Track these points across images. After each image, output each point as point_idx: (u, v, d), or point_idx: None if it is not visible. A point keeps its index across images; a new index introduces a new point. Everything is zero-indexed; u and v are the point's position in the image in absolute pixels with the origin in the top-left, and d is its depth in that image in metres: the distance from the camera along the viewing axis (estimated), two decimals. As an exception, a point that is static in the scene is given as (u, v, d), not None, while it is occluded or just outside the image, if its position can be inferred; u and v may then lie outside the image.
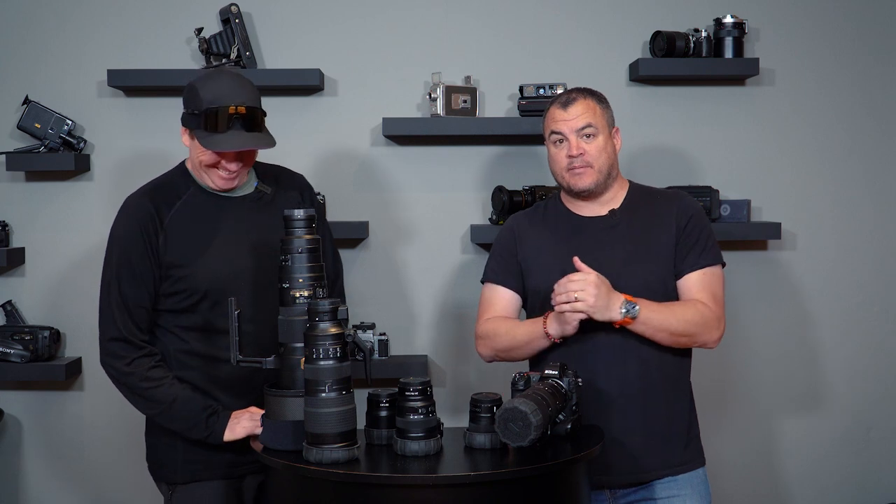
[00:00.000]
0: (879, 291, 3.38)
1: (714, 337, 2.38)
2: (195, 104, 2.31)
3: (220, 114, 2.27)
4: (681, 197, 2.50)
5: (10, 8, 3.24)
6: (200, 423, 2.30)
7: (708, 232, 2.44)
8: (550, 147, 2.45)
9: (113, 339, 2.34)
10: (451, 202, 3.29)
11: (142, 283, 2.34)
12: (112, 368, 2.35)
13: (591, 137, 2.40)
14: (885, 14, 3.33)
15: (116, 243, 2.37)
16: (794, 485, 3.39)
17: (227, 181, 2.38)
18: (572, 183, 2.42)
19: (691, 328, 2.33)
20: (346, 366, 2.06)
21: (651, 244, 2.40)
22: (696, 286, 2.39)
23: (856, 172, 3.35)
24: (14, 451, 3.31)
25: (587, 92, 2.46)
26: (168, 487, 2.43)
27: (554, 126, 2.43)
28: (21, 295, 3.27)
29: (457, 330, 3.30)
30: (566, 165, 2.41)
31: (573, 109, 2.41)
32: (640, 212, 2.45)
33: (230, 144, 2.29)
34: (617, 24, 3.29)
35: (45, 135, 3.16)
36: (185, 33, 3.22)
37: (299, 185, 2.58)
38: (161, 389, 2.31)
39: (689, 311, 2.35)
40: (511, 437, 2.02)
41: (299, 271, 2.17)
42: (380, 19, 3.27)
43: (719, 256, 2.44)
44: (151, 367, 2.33)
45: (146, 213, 2.35)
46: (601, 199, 2.46)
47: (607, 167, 2.42)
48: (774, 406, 3.37)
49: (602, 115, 2.43)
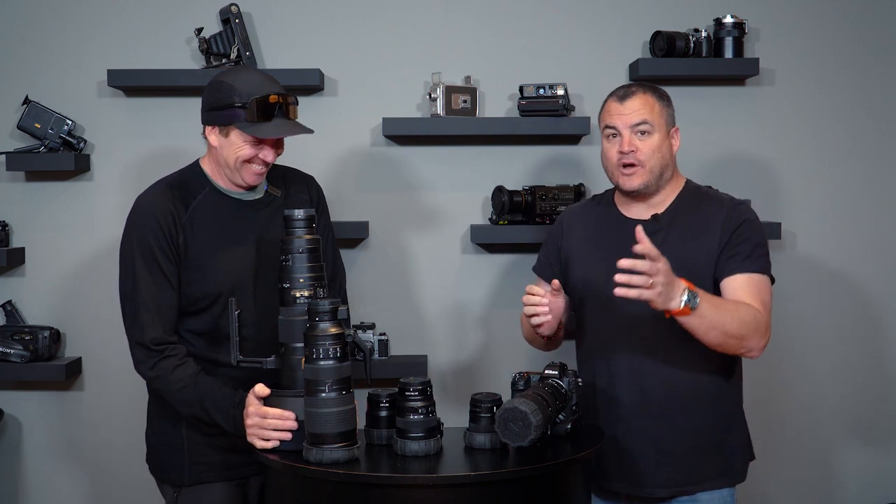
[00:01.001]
0: (879, 291, 3.38)
1: (761, 344, 2.24)
2: (232, 97, 2.28)
3: (269, 102, 2.27)
4: (733, 204, 2.36)
5: (10, 8, 3.24)
6: (235, 422, 2.24)
7: (760, 240, 2.30)
8: (604, 141, 2.37)
9: (138, 344, 2.30)
10: (451, 202, 3.29)
11: (169, 282, 2.30)
12: (142, 375, 2.33)
13: (645, 135, 2.31)
14: (885, 14, 3.33)
15: (137, 243, 2.31)
16: (794, 485, 3.38)
17: (258, 176, 2.36)
18: (622, 182, 2.33)
19: (743, 329, 2.18)
20: (346, 366, 2.06)
21: (689, 254, 2.28)
22: (743, 288, 2.25)
23: (856, 172, 3.35)
24: (14, 451, 3.31)
25: (648, 87, 2.37)
26: (173, 490, 2.42)
27: (609, 120, 2.34)
28: (21, 295, 3.27)
29: (457, 330, 3.30)
30: (617, 162, 2.32)
31: (630, 104, 2.32)
32: (686, 218, 2.35)
33: (279, 131, 2.30)
34: (617, 24, 3.29)
35: (45, 135, 3.16)
36: (185, 33, 3.22)
37: (306, 182, 2.57)
38: (188, 391, 2.27)
39: (744, 312, 2.20)
40: (511, 437, 2.02)
41: (300, 271, 2.17)
42: (380, 19, 3.27)
43: (768, 268, 2.31)
44: (175, 368, 2.28)
45: (166, 210, 2.32)
46: (651, 200, 2.37)
47: (660, 168, 2.32)
48: (774, 406, 3.37)
49: (661, 112, 2.33)
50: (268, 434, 2.15)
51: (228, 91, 2.29)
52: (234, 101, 2.28)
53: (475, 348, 3.32)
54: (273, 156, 2.35)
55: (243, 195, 2.42)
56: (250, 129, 2.28)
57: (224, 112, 2.30)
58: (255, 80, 2.32)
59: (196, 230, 2.34)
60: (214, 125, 2.33)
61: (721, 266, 2.29)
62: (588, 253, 2.41)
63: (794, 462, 3.37)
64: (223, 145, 2.33)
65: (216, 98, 2.31)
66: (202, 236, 2.34)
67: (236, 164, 2.33)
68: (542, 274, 2.51)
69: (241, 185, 2.39)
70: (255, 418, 2.17)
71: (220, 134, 2.33)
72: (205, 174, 2.41)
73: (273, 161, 2.37)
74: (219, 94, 2.31)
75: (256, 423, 2.16)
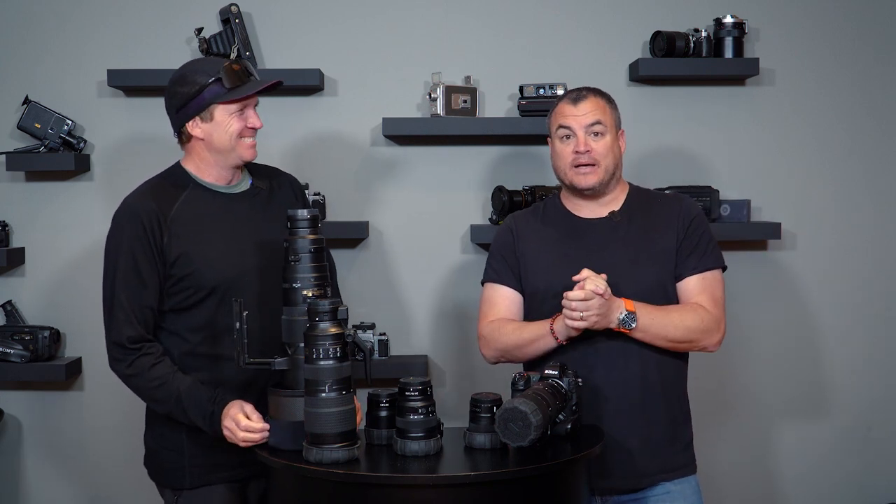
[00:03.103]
0: (879, 291, 3.38)
1: (714, 341, 2.37)
2: (200, 80, 2.32)
3: (235, 69, 2.33)
4: (681, 200, 2.48)
5: (10, 8, 3.24)
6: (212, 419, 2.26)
7: (709, 235, 2.43)
8: (556, 143, 2.43)
9: (114, 343, 2.32)
10: (451, 202, 3.29)
11: (148, 283, 2.32)
12: (117, 373, 2.34)
13: (599, 136, 2.39)
14: (885, 14, 3.33)
15: (119, 244, 2.33)
16: (795, 486, 3.38)
17: (253, 148, 2.40)
18: (576, 181, 2.40)
19: (690, 334, 2.33)
20: (346, 366, 2.06)
21: (652, 247, 2.39)
22: (695, 289, 2.38)
23: (856, 172, 3.35)
24: (14, 451, 3.31)
25: (597, 90, 2.45)
26: (173, 493, 2.42)
27: (563, 120, 2.41)
28: (21, 295, 3.27)
29: (457, 330, 3.30)
30: (571, 162, 2.39)
31: (583, 106, 2.40)
32: (640, 214, 2.44)
33: (257, 86, 2.36)
34: (617, 24, 3.29)
35: (45, 135, 3.16)
36: (185, 33, 3.22)
37: (290, 183, 2.58)
38: (164, 388, 2.28)
39: (689, 317, 2.33)
40: (511, 437, 2.02)
41: (309, 271, 2.18)
42: (380, 19, 3.27)
43: (720, 259, 2.43)
44: (153, 366, 2.29)
45: (149, 212, 2.33)
46: (602, 199, 2.45)
47: (613, 167, 2.41)
48: (774, 406, 3.37)
49: (611, 114, 2.43)
50: (237, 441, 2.20)
51: (192, 78, 2.34)
52: (205, 80, 2.32)
53: (475, 348, 3.30)
54: (258, 120, 2.40)
55: (229, 189, 2.44)
56: (232, 95, 2.32)
57: (198, 98, 2.33)
58: (207, 61, 2.41)
59: (183, 227, 2.35)
60: (194, 117, 2.36)
61: (678, 264, 2.39)
62: (546, 258, 2.43)
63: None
64: (211, 131, 2.36)
65: (183, 91, 2.35)
66: (190, 232, 2.35)
67: (231, 142, 2.36)
68: (506, 282, 2.48)
69: (238, 165, 2.41)
70: (229, 422, 2.22)
71: (203, 121, 2.36)
72: (187, 173, 2.43)
73: (261, 126, 2.41)
74: (185, 87, 2.34)
75: (230, 426, 2.21)
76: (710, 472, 2.58)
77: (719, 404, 3.33)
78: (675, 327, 2.31)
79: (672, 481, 2.38)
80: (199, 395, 2.27)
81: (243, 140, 2.37)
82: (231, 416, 2.21)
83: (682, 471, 2.40)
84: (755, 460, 3.37)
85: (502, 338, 2.43)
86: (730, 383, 3.35)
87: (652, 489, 2.37)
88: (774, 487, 3.38)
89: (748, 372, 3.36)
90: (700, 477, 2.46)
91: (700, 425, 2.51)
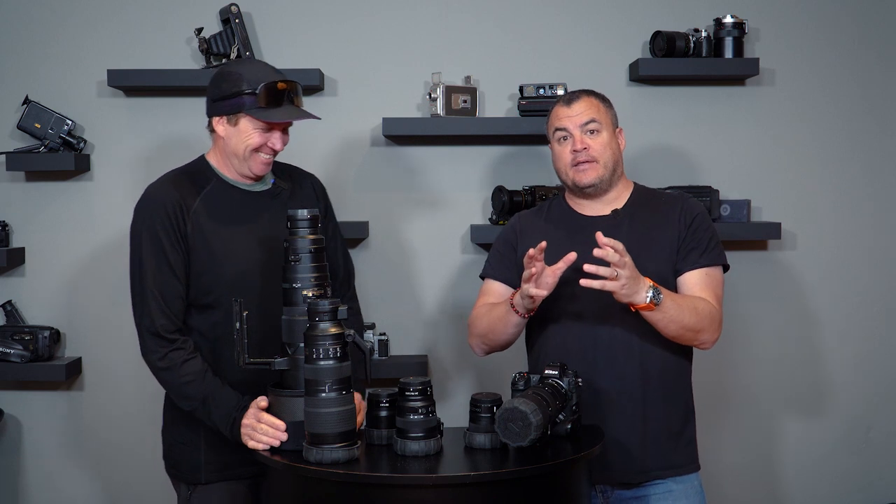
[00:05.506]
0: (879, 291, 3.38)
1: (714, 337, 2.37)
2: (240, 85, 2.29)
3: (278, 89, 2.30)
4: (684, 199, 2.49)
5: (10, 8, 3.24)
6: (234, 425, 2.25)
7: (711, 233, 2.43)
8: (555, 146, 2.46)
9: (148, 332, 2.30)
10: (451, 202, 3.30)
11: (177, 272, 2.31)
12: (149, 364, 2.33)
13: (595, 133, 2.41)
14: (885, 14, 3.33)
15: (145, 233, 2.32)
16: (795, 485, 3.38)
17: (266, 166, 2.38)
18: (577, 179, 2.42)
19: (701, 322, 2.31)
20: (346, 366, 2.06)
21: (654, 244, 2.40)
22: (698, 284, 2.38)
23: (856, 172, 3.35)
24: (14, 451, 3.31)
25: (591, 91, 2.48)
26: (187, 487, 2.43)
27: (558, 123, 2.44)
28: (21, 295, 3.27)
29: (457, 330, 3.30)
30: (570, 161, 2.41)
31: (577, 106, 2.43)
32: (643, 212, 2.45)
33: (290, 115, 2.33)
34: (617, 24, 3.29)
35: (45, 135, 3.16)
36: (185, 33, 3.22)
37: (312, 183, 2.58)
38: (194, 385, 2.28)
39: (700, 305, 2.33)
40: (511, 437, 2.02)
41: (309, 271, 2.18)
42: (380, 19, 3.27)
43: (723, 258, 2.44)
44: (185, 361, 2.29)
45: (174, 200, 2.32)
46: (605, 197, 2.46)
47: (612, 163, 2.42)
48: (774, 406, 3.37)
49: (606, 112, 2.45)
50: (257, 437, 2.18)
51: (236, 79, 2.31)
52: (243, 88, 2.29)
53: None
54: (282, 143, 2.38)
55: (252, 186, 2.43)
56: (261, 115, 2.30)
57: (232, 101, 2.31)
58: (262, 69, 2.36)
59: (206, 219, 2.35)
60: (222, 115, 2.34)
61: (679, 260, 2.40)
62: (548, 255, 2.42)
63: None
64: (231, 135, 2.34)
65: (223, 87, 2.32)
66: (212, 225, 2.35)
67: (245, 152, 2.35)
68: (499, 277, 2.50)
69: (249, 176, 2.40)
70: (251, 419, 2.20)
71: (229, 123, 2.34)
72: (211, 167, 2.42)
73: (281, 149, 2.39)
74: (226, 84, 2.32)
75: (251, 423, 2.19)
76: (710, 471, 2.58)
77: (719, 404, 3.33)
78: (690, 313, 2.29)
79: (674, 479, 2.38)
80: (226, 401, 2.26)
81: (258, 155, 2.36)
82: (252, 414, 2.21)
83: (684, 469, 2.40)
84: (755, 460, 3.37)
85: (477, 321, 2.46)
86: (730, 383, 3.35)
87: (654, 486, 2.37)
88: (775, 487, 3.38)
89: (748, 372, 3.36)
90: (702, 475, 2.45)
91: (700, 425, 2.50)
